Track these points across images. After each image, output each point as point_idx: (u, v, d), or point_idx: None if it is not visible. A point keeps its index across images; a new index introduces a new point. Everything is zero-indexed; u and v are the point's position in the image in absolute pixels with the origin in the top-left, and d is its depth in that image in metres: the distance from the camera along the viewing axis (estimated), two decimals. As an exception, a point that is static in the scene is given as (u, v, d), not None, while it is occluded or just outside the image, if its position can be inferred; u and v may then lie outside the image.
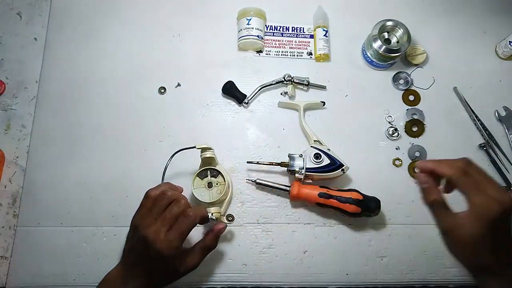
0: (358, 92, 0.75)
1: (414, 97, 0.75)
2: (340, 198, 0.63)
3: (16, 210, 0.67)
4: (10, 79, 0.74)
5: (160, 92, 0.74)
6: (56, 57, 0.75)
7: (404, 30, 0.72)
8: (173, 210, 0.51)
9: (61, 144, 0.70)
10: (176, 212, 0.51)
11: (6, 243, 0.65)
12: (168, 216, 0.50)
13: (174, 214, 0.50)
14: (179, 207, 0.51)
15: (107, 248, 0.65)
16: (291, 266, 0.65)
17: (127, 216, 0.66)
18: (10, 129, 0.71)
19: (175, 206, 0.51)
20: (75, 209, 0.67)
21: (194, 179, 0.64)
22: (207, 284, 0.64)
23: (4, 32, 0.76)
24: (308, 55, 0.77)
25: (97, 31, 0.77)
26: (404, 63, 0.78)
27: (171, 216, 0.50)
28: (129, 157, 0.70)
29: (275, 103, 0.74)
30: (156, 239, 0.49)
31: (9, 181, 0.68)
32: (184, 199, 0.53)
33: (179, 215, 0.51)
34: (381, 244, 0.67)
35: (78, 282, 0.64)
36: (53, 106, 0.72)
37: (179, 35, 0.77)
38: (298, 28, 0.78)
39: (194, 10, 0.79)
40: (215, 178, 0.64)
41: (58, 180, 0.68)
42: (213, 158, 0.64)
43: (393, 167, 0.71)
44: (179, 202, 0.52)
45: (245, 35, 0.74)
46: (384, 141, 0.73)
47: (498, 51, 0.78)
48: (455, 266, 0.66)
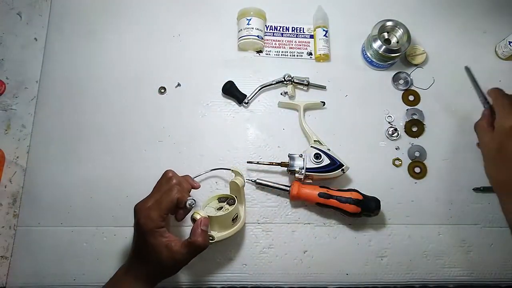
0: (358, 92, 0.75)
1: (414, 97, 0.75)
2: (340, 198, 0.63)
3: (16, 210, 0.67)
4: (10, 79, 0.74)
5: (160, 92, 0.74)
6: (56, 57, 0.75)
7: (404, 30, 0.72)
8: (163, 186, 0.53)
9: (61, 144, 0.70)
10: (164, 188, 0.53)
11: (6, 243, 0.65)
12: (158, 191, 0.53)
13: (163, 190, 0.52)
14: (169, 184, 0.53)
15: (107, 248, 0.65)
16: (291, 266, 0.65)
17: (127, 216, 0.66)
18: (10, 129, 0.71)
19: (165, 183, 0.53)
20: (75, 209, 0.67)
21: (213, 197, 0.62)
22: (207, 284, 0.64)
23: (4, 32, 0.76)
24: (308, 55, 0.77)
25: (97, 31, 0.77)
26: (404, 63, 0.78)
27: (159, 192, 0.52)
28: (129, 157, 0.70)
29: (275, 103, 0.74)
30: (139, 209, 0.51)
31: (9, 181, 0.68)
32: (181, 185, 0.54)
33: (166, 190, 0.52)
34: (381, 244, 0.67)
35: (78, 282, 0.64)
36: (53, 106, 0.72)
37: (179, 35, 0.77)
38: (298, 28, 0.79)
39: (194, 10, 0.79)
40: (229, 206, 0.60)
41: (58, 180, 0.68)
42: (238, 185, 0.62)
43: (393, 167, 0.71)
44: (170, 180, 0.53)
45: (245, 35, 0.74)
46: (384, 141, 0.73)
47: (498, 51, 0.78)
48: (455, 266, 0.67)
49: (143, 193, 0.54)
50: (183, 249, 0.50)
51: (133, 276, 0.52)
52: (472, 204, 0.70)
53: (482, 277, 0.67)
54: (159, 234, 0.50)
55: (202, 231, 0.52)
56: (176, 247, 0.50)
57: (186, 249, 0.50)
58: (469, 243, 0.68)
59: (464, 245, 0.68)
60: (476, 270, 0.67)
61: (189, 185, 0.56)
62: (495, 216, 0.69)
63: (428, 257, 0.67)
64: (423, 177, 0.71)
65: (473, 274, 0.67)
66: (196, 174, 0.66)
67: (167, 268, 0.52)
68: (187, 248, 0.51)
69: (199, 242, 0.50)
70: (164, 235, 0.50)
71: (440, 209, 0.69)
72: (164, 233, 0.51)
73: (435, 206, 0.69)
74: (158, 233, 0.50)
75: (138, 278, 0.52)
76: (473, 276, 0.67)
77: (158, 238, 0.50)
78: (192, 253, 0.51)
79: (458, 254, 0.67)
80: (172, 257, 0.50)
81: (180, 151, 0.71)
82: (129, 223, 0.66)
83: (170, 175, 0.55)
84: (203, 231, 0.52)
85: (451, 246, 0.68)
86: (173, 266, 0.52)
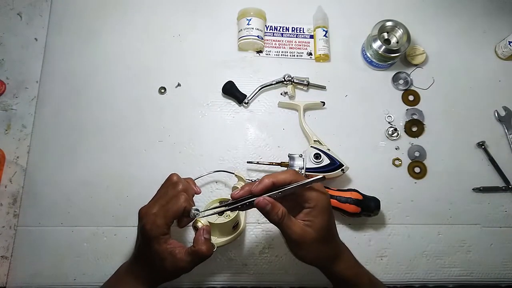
0: (358, 92, 0.75)
1: (413, 97, 0.75)
2: (340, 198, 0.63)
3: (17, 210, 0.67)
4: (10, 79, 0.74)
5: (160, 92, 0.74)
6: (56, 57, 0.75)
7: (403, 30, 0.72)
8: (169, 192, 0.52)
9: (61, 144, 0.70)
10: (171, 194, 0.52)
11: (6, 243, 0.65)
12: (163, 197, 0.52)
13: (169, 195, 0.52)
14: (175, 190, 0.52)
15: (107, 248, 0.65)
16: (291, 266, 0.65)
17: (127, 216, 0.67)
18: (11, 129, 0.71)
19: (172, 188, 0.52)
20: (76, 209, 0.67)
21: (214, 201, 0.61)
22: (207, 284, 0.64)
23: (5, 32, 0.76)
24: (308, 55, 0.77)
25: (97, 31, 0.77)
26: (404, 63, 0.78)
27: (166, 197, 0.52)
28: (129, 157, 0.70)
29: (275, 103, 0.74)
30: (144, 214, 0.50)
31: (10, 181, 0.68)
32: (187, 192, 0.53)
33: (173, 197, 0.51)
34: (380, 244, 0.67)
35: (78, 282, 0.64)
36: (54, 106, 0.72)
37: (179, 35, 0.78)
38: (298, 28, 0.79)
39: (194, 11, 0.79)
40: (231, 213, 0.59)
41: (58, 180, 0.68)
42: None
43: (393, 167, 0.71)
44: (177, 186, 0.52)
45: (245, 35, 0.74)
46: (384, 141, 0.73)
47: (498, 51, 0.78)
48: (455, 266, 0.67)
49: (143, 193, 0.54)
50: (186, 256, 0.50)
51: (134, 277, 0.52)
52: (472, 204, 0.70)
53: (481, 277, 0.67)
54: (164, 241, 0.50)
55: (205, 239, 0.51)
56: (180, 254, 0.50)
57: (190, 257, 0.50)
58: (469, 243, 0.68)
59: (464, 245, 0.68)
60: (476, 270, 0.67)
61: (193, 190, 0.56)
62: (495, 216, 0.70)
63: (428, 257, 0.67)
64: (423, 177, 0.71)
65: (473, 274, 0.67)
66: (198, 175, 0.66)
67: (169, 273, 0.52)
68: (191, 256, 0.50)
69: (202, 251, 0.50)
70: (168, 241, 0.50)
71: (440, 209, 0.69)
72: (168, 240, 0.51)
73: (435, 206, 0.69)
74: (162, 240, 0.50)
75: (139, 279, 0.52)
76: (473, 276, 0.67)
77: (162, 245, 0.50)
78: (195, 261, 0.51)
79: (457, 254, 0.67)
80: (175, 264, 0.50)
81: (180, 151, 0.71)
82: (129, 223, 0.66)
83: (175, 180, 0.54)
84: (206, 239, 0.52)
85: (451, 246, 0.68)
86: (175, 272, 0.52)
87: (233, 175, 0.66)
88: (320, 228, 0.49)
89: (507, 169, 0.71)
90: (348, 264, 0.53)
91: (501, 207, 0.70)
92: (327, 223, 0.49)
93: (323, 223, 0.49)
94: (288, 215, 0.49)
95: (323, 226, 0.49)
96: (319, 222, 0.49)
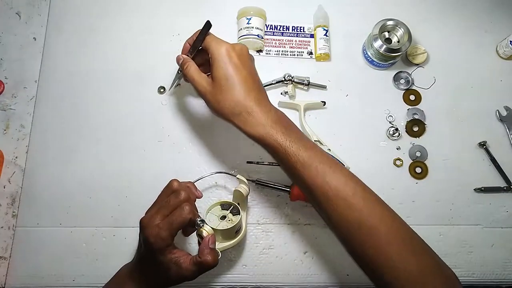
0: (358, 91, 0.75)
1: (415, 96, 0.75)
2: (340, 198, 0.62)
3: (15, 210, 0.66)
4: (9, 79, 0.73)
5: (159, 91, 0.74)
6: (55, 57, 0.75)
7: (404, 29, 0.72)
8: (172, 201, 0.51)
9: (60, 144, 0.70)
10: (174, 204, 0.50)
11: (5, 244, 0.65)
12: (166, 206, 0.51)
13: (172, 205, 0.50)
14: (178, 199, 0.51)
15: (107, 249, 0.65)
16: (291, 267, 0.65)
17: (127, 217, 0.66)
18: (9, 129, 0.71)
19: (175, 198, 0.51)
20: (75, 210, 0.67)
21: (216, 204, 0.61)
22: (207, 285, 0.64)
23: (3, 32, 0.76)
24: (308, 54, 0.77)
25: (96, 30, 0.77)
26: (405, 62, 0.77)
27: (168, 207, 0.50)
28: (128, 157, 0.70)
29: (275, 102, 0.74)
30: (147, 225, 0.49)
31: (8, 181, 0.68)
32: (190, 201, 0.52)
33: (176, 206, 0.50)
34: (381, 244, 0.67)
35: (77, 282, 0.64)
36: (53, 106, 0.72)
37: (179, 35, 0.77)
38: (298, 28, 0.78)
39: (194, 10, 0.79)
40: (233, 217, 0.60)
41: (57, 180, 0.68)
42: (242, 194, 0.60)
43: (393, 167, 0.71)
44: (180, 195, 0.51)
45: (245, 34, 0.74)
46: (384, 141, 0.72)
47: (499, 50, 0.78)
48: (456, 266, 0.66)
49: (142, 194, 0.54)
50: (192, 266, 0.50)
51: (135, 282, 0.52)
52: (473, 204, 0.70)
53: (483, 278, 0.66)
54: (168, 252, 0.50)
55: (211, 249, 0.51)
56: (185, 264, 0.50)
57: (195, 267, 0.50)
58: (470, 244, 0.68)
59: (465, 246, 0.68)
60: (477, 270, 0.67)
61: (195, 196, 0.55)
62: (496, 216, 0.69)
63: (429, 257, 0.67)
64: (424, 177, 0.70)
65: (474, 274, 0.67)
66: (198, 177, 0.65)
67: (173, 281, 0.51)
68: (197, 266, 0.50)
69: (208, 262, 0.50)
70: (172, 251, 0.50)
71: (441, 209, 0.69)
72: (172, 250, 0.50)
73: (436, 207, 0.69)
74: (167, 251, 0.49)
75: (141, 283, 0.52)
76: (474, 276, 0.66)
77: (167, 255, 0.49)
78: (201, 271, 0.51)
79: (459, 255, 0.67)
80: (180, 273, 0.50)
81: (180, 151, 0.70)
82: (128, 224, 0.66)
83: (176, 187, 0.53)
84: (212, 249, 0.51)
85: (452, 246, 0.67)
86: (179, 281, 0.51)
87: (235, 177, 0.65)
88: (217, 77, 0.52)
89: (508, 169, 0.71)
90: (257, 121, 0.51)
91: (503, 208, 0.70)
92: (223, 72, 0.51)
93: (219, 72, 0.52)
94: (197, 70, 0.55)
95: (219, 75, 0.52)
96: (215, 71, 0.52)
